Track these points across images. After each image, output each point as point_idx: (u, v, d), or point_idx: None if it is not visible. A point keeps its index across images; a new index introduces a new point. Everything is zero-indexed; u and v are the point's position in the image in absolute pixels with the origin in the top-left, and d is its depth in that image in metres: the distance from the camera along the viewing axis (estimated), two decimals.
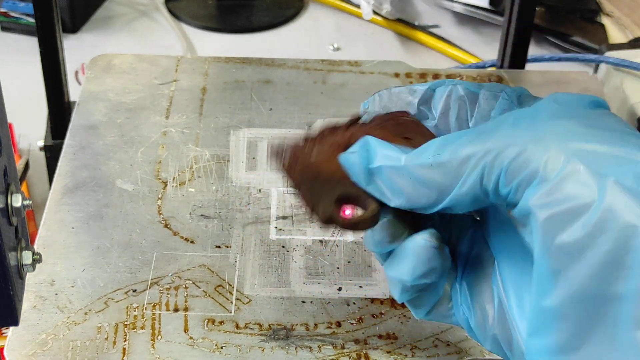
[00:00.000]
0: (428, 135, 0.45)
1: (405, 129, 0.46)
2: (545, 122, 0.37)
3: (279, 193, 0.62)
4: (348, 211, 0.44)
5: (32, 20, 1.03)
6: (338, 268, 0.56)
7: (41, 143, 0.79)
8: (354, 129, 0.47)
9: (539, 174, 0.35)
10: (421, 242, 0.41)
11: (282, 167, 0.47)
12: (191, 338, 0.52)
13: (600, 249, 0.33)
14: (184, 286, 0.55)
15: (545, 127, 0.37)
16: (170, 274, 0.56)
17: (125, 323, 0.52)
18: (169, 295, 0.54)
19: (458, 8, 1.10)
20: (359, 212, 0.44)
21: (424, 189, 0.39)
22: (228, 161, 0.65)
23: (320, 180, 0.45)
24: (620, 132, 0.37)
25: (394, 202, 0.41)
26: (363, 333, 0.53)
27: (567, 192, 0.34)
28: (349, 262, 0.57)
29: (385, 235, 0.42)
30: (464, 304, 0.43)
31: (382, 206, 0.43)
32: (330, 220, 0.44)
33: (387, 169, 0.41)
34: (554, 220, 0.34)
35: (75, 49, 1.02)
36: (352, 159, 0.42)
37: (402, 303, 0.45)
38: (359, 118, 0.48)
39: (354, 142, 0.45)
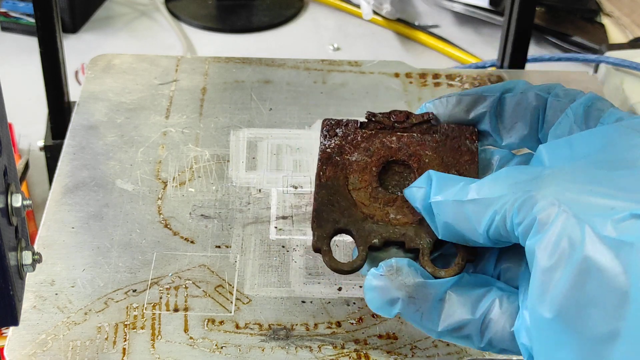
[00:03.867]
0: (472, 175, 0.47)
1: (456, 162, 0.48)
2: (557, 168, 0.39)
3: (279, 193, 0.62)
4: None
5: (32, 20, 1.03)
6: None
7: (41, 143, 0.79)
8: (410, 137, 0.49)
9: (535, 223, 0.37)
10: (371, 273, 0.44)
11: (318, 161, 0.49)
12: (191, 338, 0.52)
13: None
14: (184, 286, 0.55)
15: (553, 173, 0.39)
16: (170, 274, 0.56)
17: (125, 323, 0.52)
18: (169, 295, 0.54)
19: (458, 8, 1.10)
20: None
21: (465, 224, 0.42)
22: (228, 161, 0.65)
23: (333, 201, 0.47)
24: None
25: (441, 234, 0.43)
26: (363, 333, 0.53)
27: (554, 241, 0.36)
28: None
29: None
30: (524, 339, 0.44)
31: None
32: (318, 252, 0.47)
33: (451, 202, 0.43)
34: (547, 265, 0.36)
35: (75, 49, 1.02)
36: (415, 193, 0.44)
37: None
38: (424, 116, 0.49)
39: (401, 157, 0.48)
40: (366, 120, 0.49)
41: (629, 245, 0.33)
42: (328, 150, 0.49)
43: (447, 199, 0.42)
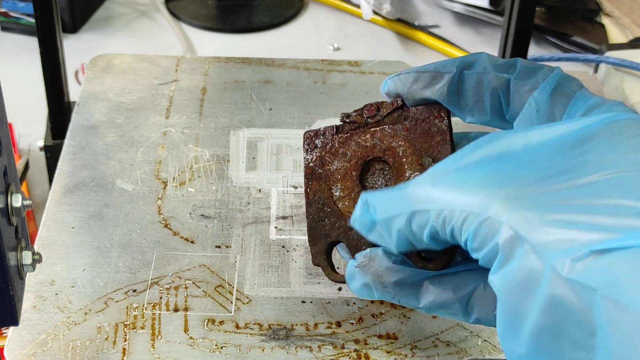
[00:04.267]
0: (447, 153, 0.47)
1: (428, 146, 0.48)
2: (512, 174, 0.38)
3: (279, 193, 0.62)
4: (343, 253, 0.50)
5: (32, 20, 1.03)
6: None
7: (41, 143, 0.79)
8: (382, 131, 0.49)
9: (497, 256, 0.36)
10: (350, 265, 0.47)
11: (304, 178, 0.51)
12: (191, 338, 0.52)
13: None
14: (184, 286, 0.55)
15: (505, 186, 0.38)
16: (170, 274, 0.56)
17: (125, 323, 0.52)
18: (169, 295, 0.54)
19: (458, 8, 1.10)
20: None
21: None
22: (228, 161, 0.65)
23: (322, 215, 0.50)
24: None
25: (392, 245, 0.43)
26: (363, 333, 0.53)
27: (520, 281, 0.35)
28: None
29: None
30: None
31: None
32: (318, 265, 0.50)
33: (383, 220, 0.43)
34: (510, 294, 0.36)
35: (75, 49, 1.02)
36: (358, 226, 0.45)
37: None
38: (394, 103, 0.49)
39: (377, 154, 0.49)
40: (341, 124, 0.50)
41: (592, 290, 0.32)
42: (311, 164, 0.51)
43: (382, 218, 0.42)
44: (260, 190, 0.62)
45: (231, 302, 0.54)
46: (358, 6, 1.11)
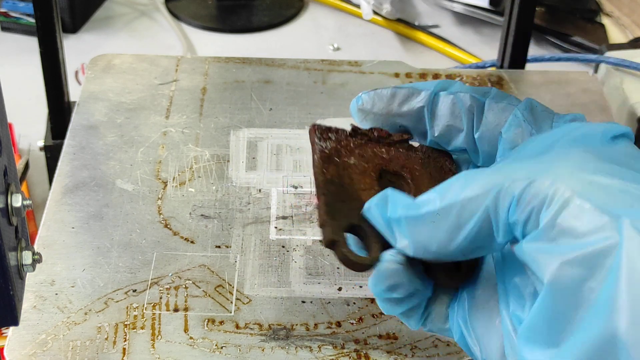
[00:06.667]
0: None
1: (442, 179, 0.46)
2: (558, 154, 0.37)
3: (279, 193, 0.62)
4: (353, 247, 0.43)
5: (32, 20, 1.03)
6: (338, 268, 0.56)
7: (41, 143, 0.79)
8: (397, 151, 0.48)
9: (548, 206, 0.33)
10: (387, 257, 0.41)
11: (316, 160, 0.47)
12: (191, 338, 0.52)
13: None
14: (184, 286, 0.55)
15: (557, 158, 0.36)
16: (170, 274, 0.56)
17: (125, 323, 0.52)
18: (169, 295, 0.54)
19: (458, 8, 1.10)
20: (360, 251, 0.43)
21: (438, 233, 0.38)
22: (228, 161, 0.65)
23: (343, 197, 0.45)
24: (636, 170, 0.36)
25: (410, 250, 0.40)
26: (363, 333, 0.53)
27: (578, 234, 0.32)
28: None
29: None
30: (460, 319, 0.42)
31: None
32: (331, 246, 0.43)
33: (404, 219, 0.40)
34: (567, 272, 0.32)
35: (75, 49, 1.02)
36: (373, 212, 0.42)
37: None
38: (403, 135, 0.49)
39: (393, 168, 0.47)
40: (353, 130, 0.49)
41: None
42: (326, 151, 0.47)
43: (410, 214, 0.39)
44: (260, 190, 0.62)
45: (231, 302, 0.54)
46: (358, 6, 1.11)
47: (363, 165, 0.47)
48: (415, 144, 0.49)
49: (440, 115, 0.47)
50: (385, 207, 0.41)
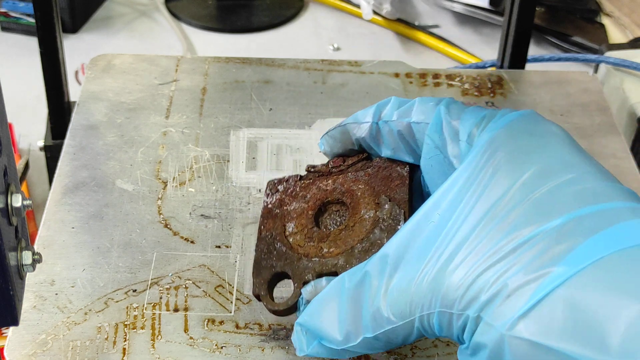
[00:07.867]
0: (401, 203, 0.48)
1: (387, 188, 0.49)
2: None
3: None
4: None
5: (32, 20, 1.03)
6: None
7: (41, 143, 0.79)
8: (345, 177, 0.51)
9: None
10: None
11: (260, 218, 0.52)
12: (191, 338, 0.52)
13: None
14: (184, 286, 0.55)
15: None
16: (170, 274, 0.56)
17: (125, 323, 0.52)
18: (169, 295, 0.54)
19: (458, 8, 1.10)
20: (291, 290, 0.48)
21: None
22: (228, 161, 0.65)
23: (271, 250, 0.50)
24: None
25: None
26: None
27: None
28: None
29: None
30: None
31: None
32: (257, 299, 0.49)
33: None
34: None
35: (75, 49, 1.02)
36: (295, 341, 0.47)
37: None
38: (359, 155, 0.52)
39: (335, 197, 0.50)
40: (306, 173, 0.53)
41: None
42: (269, 206, 0.52)
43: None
44: (260, 190, 0.62)
45: (231, 302, 0.54)
46: (358, 6, 1.11)
47: (303, 206, 0.51)
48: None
49: (385, 142, 0.50)
50: (310, 342, 0.46)
